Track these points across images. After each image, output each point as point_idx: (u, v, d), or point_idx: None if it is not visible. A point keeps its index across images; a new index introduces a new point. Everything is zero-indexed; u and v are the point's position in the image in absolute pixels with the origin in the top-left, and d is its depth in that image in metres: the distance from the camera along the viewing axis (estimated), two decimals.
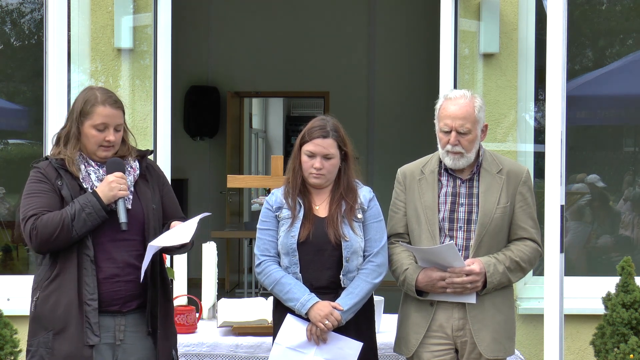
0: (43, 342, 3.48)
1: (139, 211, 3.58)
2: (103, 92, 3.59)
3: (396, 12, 10.46)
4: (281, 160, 4.61)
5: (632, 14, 6.54)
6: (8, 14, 6.50)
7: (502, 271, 3.79)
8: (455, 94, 3.86)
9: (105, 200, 3.46)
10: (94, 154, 3.58)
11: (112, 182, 3.48)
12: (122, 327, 3.55)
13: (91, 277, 3.47)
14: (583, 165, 6.49)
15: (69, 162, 3.53)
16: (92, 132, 3.54)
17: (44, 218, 3.44)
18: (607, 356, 4.77)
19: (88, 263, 3.47)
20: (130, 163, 3.64)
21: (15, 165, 6.59)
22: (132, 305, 3.57)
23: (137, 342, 3.59)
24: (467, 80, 5.72)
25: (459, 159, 3.83)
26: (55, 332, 3.46)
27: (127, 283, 3.54)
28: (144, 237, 3.57)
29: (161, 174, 3.80)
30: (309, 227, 3.78)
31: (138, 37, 5.74)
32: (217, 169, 10.83)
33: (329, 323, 3.69)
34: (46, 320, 3.49)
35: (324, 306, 3.71)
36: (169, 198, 3.76)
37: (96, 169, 3.57)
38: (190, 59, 10.46)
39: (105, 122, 3.53)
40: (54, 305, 3.47)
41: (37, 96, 5.94)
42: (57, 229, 3.41)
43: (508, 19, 5.73)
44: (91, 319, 3.46)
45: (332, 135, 3.80)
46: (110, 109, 3.55)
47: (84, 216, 3.43)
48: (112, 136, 3.55)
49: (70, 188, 3.50)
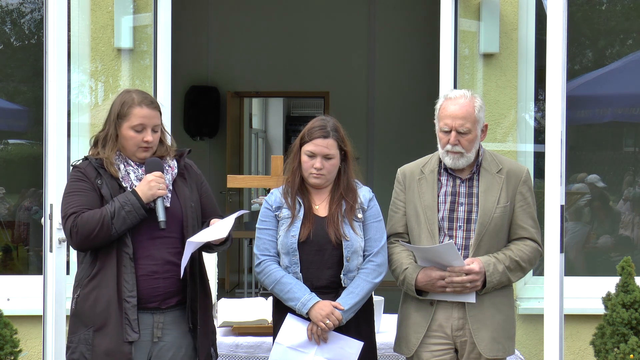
0: (83, 339, 3.52)
1: (178, 209, 3.62)
2: (139, 94, 3.64)
3: (396, 12, 10.46)
4: (281, 160, 4.61)
5: (632, 14, 6.54)
6: (8, 14, 6.50)
7: (501, 271, 3.79)
8: (456, 94, 3.87)
9: (145, 199, 3.51)
10: (133, 155, 3.62)
11: (151, 182, 3.52)
12: (160, 324, 3.59)
13: (130, 274, 3.52)
14: (583, 165, 6.49)
15: (107, 164, 3.58)
16: (130, 133, 3.58)
17: (85, 216, 3.48)
18: (607, 356, 4.77)
19: (127, 260, 3.52)
20: (169, 162, 3.69)
21: (15, 165, 6.60)
22: (172, 302, 3.60)
23: (176, 339, 3.62)
24: (467, 80, 5.72)
25: (458, 159, 3.83)
26: (95, 328, 3.51)
27: (165, 280, 3.57)
28: (183, 235, 3.60)
29: (199, 172, 3.84)
30: (309, 227, 3.78)
31: (138, 37, 5.74)
32: (217, 169, 10.82)
33: (330, 322, 3.70)
34: (86, 317, 3.53)
35: (325, 306, 3.71)
36: (207, 197, 3.79)
37: (135, 168, 3.62)
38: (190, 59, 10.46)
39: (143, 122, 3.58)
40: (94, 302, 3.52)
41: (37, 96, 5.95)
42: (97, 227, 3.46)
43: (508, 19, 5.73)
44: (130, 315, 3.50)
45: (333, 136, 3.81)
46: (147, 110, 3.59)
47: (123, 214, 3.47)
48: (150, 137, 3.60)
49: (109, 187, 3.55)
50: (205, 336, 3.67)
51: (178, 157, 3.75)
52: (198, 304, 3.63)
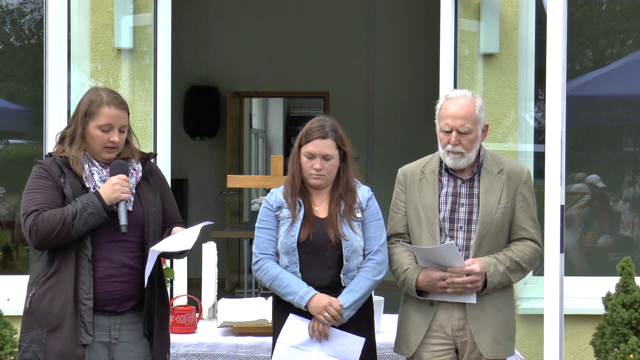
0: (36, 338, 3.48)
1: (140, 214, 3.59)
2: (109, 93, 3.60)
3: (396, 12, 10.46)
4: (281, 160, 4.61)
5: (632, 14, 6.54)
6: (8, 14, 6.50)
7: (502, 271, 3.79)
8: (456, 94, 3.87)
9: (108, 201, 3.47)
10: (98, 154, 3.58)
11: (115, 184, 3.48)
12: (117, 325, 3.56)
13: (88, 276, 3.48)
14: (583, 165, 6.49)
15: (74, 162, 3.53)
16: (96, 132, 3.54)
17: (45, 215, 3.44)
18: (607, 356, 4.77)
19: (85, 262, 3.48)
20: (134, 165, 3.64)
21: (15, 165, 6.59)
22: (128, 306, 3.57)
23: (134, 341, 3.59)
24: (467, 80, 5.73)
25: (459, 159, 3.83)
26: (49, 329, 3.47)
27: (123, 284, 3.54)
28: (143, 240, 3.57)
29: (163, 177, 3.80)
30: (309, 227, 3.78)
31: (138, 37, 5.74)
32: (217, 169, 10.83)
33: (329, 315, 3.70)
34: (41, 317, 3.50)
35: (322, 298, 3.72)
36: (169, 203, 3.76)
37: (100, 169, 3.58)
38: (190, 59, 10.46)
39: (110, 122, 3.54)
40: (50, 302, 3.48)
41: (37, 96, 5.94)
42: (58, 227, 3.42)
43: (508, 19, 5.73)
44: (85, 318, 3.46)
45: (331, 136, 3.81)
46: (115, 110, 3.55)
47: (85, 216, 3.43)
48: (117, 137, 3.55)
49: (72, 186, 3.51)
50: (161, 343, 3.63)
51: (143, 161, 3.69)
52: (155, 310, 3.60)
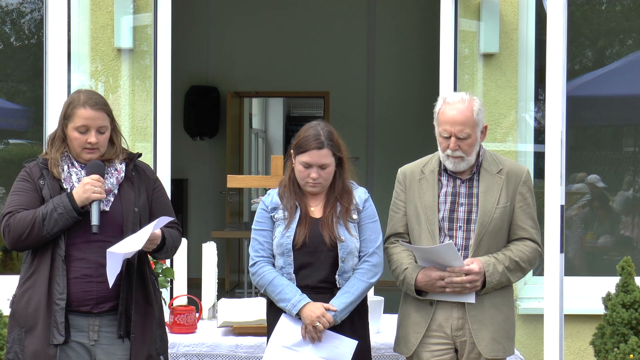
0: (17, 339, 3.50)
1: (119, 213, 3.56)
2: (87, 94, 3.58)
3: (396, 12, 10.46)
4: (281, 160, 4.61)
5: (632, 14, 6.54)
6: (8, 14, 6.50)
7: (501, 271, 3.80)
8: (454, 99, 3.85)
9: (79, 202, 3.46)
10: (78, 156, 3.58)
11: (86, 185, 3.46)
12: (96, 327, 3.54)
13: (62, 276, 3.48)
14: (583, 165, 6.49)
15: (51, 164, 3.55)
16: (74, 134, 3.54)
17: (18, 216, 3.47)
18: (607, 356, 4.77)
19: (59, 262, 3.48)
20: (116, 165, 3.62)
21: (15, 165, 6.59)
22: (105, 307, 3.54)
23: (115, 343, 3.56)
24: (467, 80, 5.72)
25: (459, 163, 3.83)
26: (26, 329, 3.49)
27: (99, 284, 3.51)
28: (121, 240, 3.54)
29: (153, 177, 3.75)
30: (304, 229, 3.78)
31: (138, 37, 5.74)
32: (217, 169, 10.82)
33: (320, 325, 3.70)
34: (20, 317, 3.52)
35: (316, 308, 3.71)
36: (159, 202, 3.71)
37: (78, 170, 3.57)
38: (190, 59, 10.45)
39: (86, 124, 3.53)
40: (27, 303, 3.50)
41: (37, 96, 5.95)
42: (28, 228, 3.44)
43: (508, 19, 5.73)
44: (58, 318, 3.46)
45: (327, 145, 3.79)
46: (90, 111, 3.52)
47: (55, 216, 3.44)
48: (94, 138, 3.53)
49: (50, 188, 3.52)
50: (143, 344, 3.56)
51: (128, 161, 3.67)
52: (133, 310, 3.54)
